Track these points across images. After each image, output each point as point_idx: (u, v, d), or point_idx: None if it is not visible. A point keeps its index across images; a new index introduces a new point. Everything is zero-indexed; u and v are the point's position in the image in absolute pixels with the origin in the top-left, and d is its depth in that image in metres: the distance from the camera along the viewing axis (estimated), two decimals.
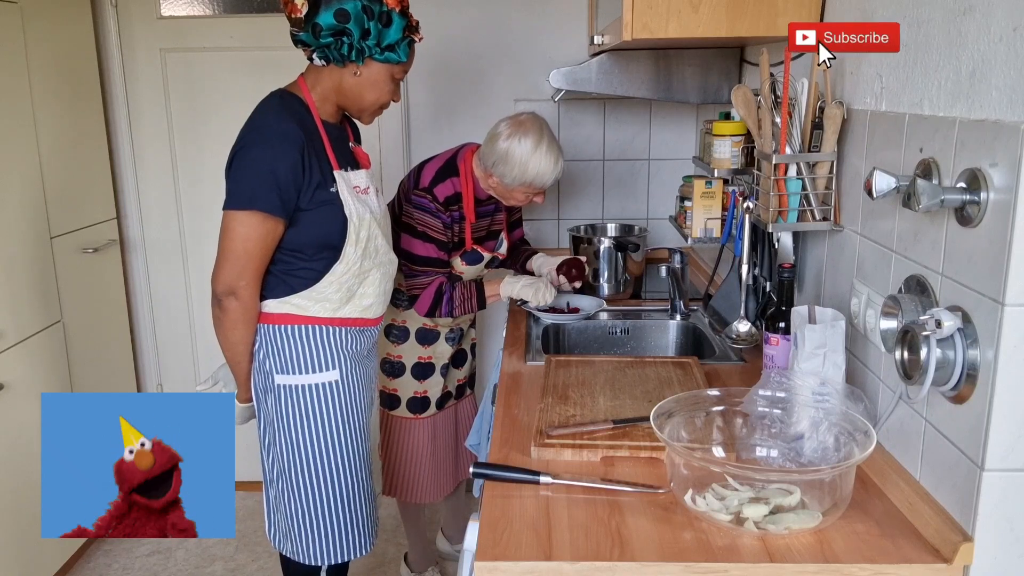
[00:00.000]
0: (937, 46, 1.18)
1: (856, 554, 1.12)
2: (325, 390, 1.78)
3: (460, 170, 2.18)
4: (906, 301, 1.18)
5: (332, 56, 1.67)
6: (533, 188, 2.12)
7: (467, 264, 2.25)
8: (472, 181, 2.19)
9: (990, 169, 1.01)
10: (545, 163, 2.08)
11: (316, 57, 1.69)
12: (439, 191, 2.14)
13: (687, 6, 1.67)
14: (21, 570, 2.48)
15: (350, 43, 1.65)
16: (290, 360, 1.76)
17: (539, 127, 2.10)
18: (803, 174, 1.54)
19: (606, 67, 2.31)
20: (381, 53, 1.69)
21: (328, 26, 1.62)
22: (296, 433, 1.78)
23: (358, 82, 1.72)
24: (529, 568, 1.12)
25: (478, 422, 2.28)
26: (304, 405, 1.77)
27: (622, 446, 1.44)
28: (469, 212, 2.20)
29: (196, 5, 2.98)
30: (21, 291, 2.50)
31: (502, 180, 2.12)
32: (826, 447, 1.26)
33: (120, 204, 3.10)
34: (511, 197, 2.17)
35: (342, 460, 1.82)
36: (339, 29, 1.63)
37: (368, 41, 1.66)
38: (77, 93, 2.84)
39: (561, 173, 2.14)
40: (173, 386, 3.30)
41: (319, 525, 1.82)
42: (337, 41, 1.64)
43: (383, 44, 1.68)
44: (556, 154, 2.10)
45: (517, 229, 2.52)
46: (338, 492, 1.82)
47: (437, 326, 2.31)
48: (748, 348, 1.90)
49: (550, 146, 2.09)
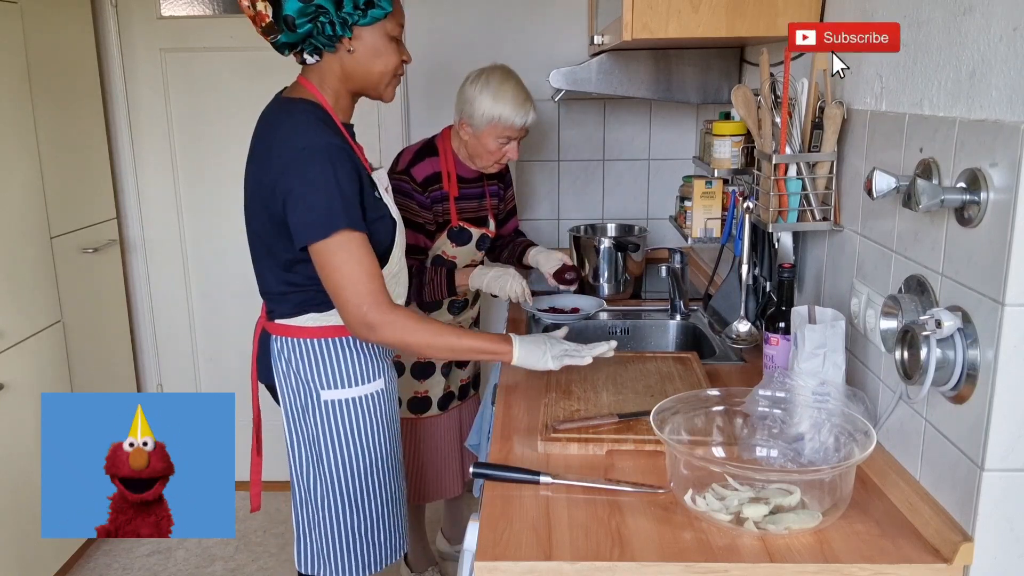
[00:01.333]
0: (937, 46, 1.18)
1: (856, 554, 1.12)
2: (372, 401, 1.69)
3: (439, 149, 2.21)
4: (906, 301, 1.18)
5: (320, 43, 1.53)
6: (501, 128, 2.10)
7: (456, 245, 2.24)
8: (452, 158, 2.21)
9: (990, 169, 1.01)
10: (511, 98, 2.08)
11: (307, 54, 1.56)
12: (416, 172, 2.15)
13: (687, 6, 1.67)
14: (21, 570, 2.48)
15: (329, 19, 1.50)
16: (337, 374, 1.66)
17: (505, 70, 2.14)
18: (803, 174, 1.54)
19: (606, 67, 2.31)
20: (365, 15, 1.53)
21: (298, 11, 1.48)
22: (347, 448, 1.67)
23: (357, 58, 1.57)
24: (529, 568, 1.12)
25: (478, 422, 2.28)
26: (353, 418, 1.67)
27: (627, 439, 1.45)
28: (452, 187, 2.20)
29: (196, 5, 2.98)
30: (21, 291, 2.49)
31: (471, 125, 2.12)
32: (826, 447, 1.26)
33: (120, 204, 3.10)
34: (484, 150, 2.15)
35: (389, 468, 1.74)
36: (311, 10, 1.48)
37: (345, 8, 1.51)
38: (77, 93, 2.84)
39: (532, 119, 2.13)
40: (173, 386, 3.30)
41: (367, 536, 1.73)
42: (316, 24, 1.50)
43: (361, 4, 1.52)
44: (524, 94, 2.11)
45: (511, 220, 2.50)
46: (385, 500, 1.74)
47: None
48: (748, 348, 1.90)
49: (517, 85, 2.11)
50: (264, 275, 1.67)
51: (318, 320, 1.64)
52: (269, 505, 1.94)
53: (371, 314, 1.49)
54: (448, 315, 2.30)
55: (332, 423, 1.67)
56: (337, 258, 1.48)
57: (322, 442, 1.67)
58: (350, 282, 1.49)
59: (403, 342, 1.55)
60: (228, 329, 3.20)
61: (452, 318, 2.32)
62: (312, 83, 1.61)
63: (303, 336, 1.65)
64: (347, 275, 1.49)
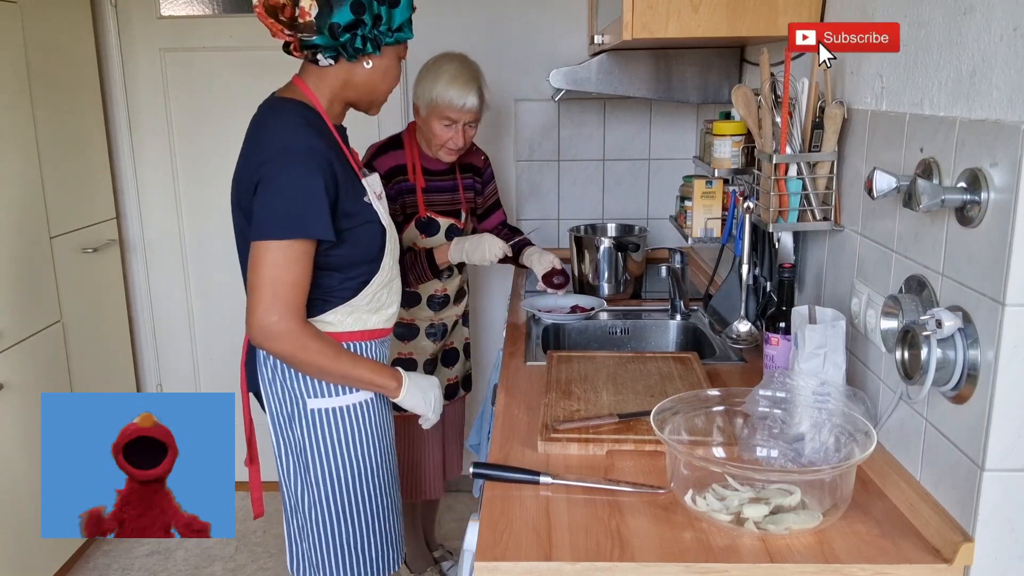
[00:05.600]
0: (937, 46, 1.18)
1: (856, 554, 1.12)
2: (360, 410, 1.64)
3: (404, 142, 2.23)
4: (906, 301, 1.18)
5: (347, 53, 1.51)
6: (441, 110, 2.11)
7: (426, 236, 2.25)
8: (417, 150, 2.23)
9: (990, 169, 1.01)
10: (450, 79, 2.10)
11: (324, 57, 1.53)
12: (379, 164, 2.17)
13: (687, 6, 1.66)
14: (21, 570, 2.48)
15: (363, 35, 1.50)
16: (321, 383, 1.59)
17: (452, 54, 2.17)
18: (803, 174, 1.54)
19: (606, 67, 2.31)
20: (391, 36, 1.54)
21: (346, 23, 1.47)
22: (335, 459, 1.63)
23: (370, 74, 1.57)
24: (529, 568, 1.11)
25: (478, 422, 2.28)
26: (341, 428, 1.62)
27: (627, 440, 1.45)
28: (418, 179, 2.22)
29: (196, 5, 2.98)
30: (21, 291, 2.49)
31: (421, 107, 2.15)
32: (827, 447, 1.26)
33: (120, 204, 3.11)
34: (432, 135, 2.17)
35: (381, 480, 1.69)
36: (354, 22, 1.48)
37: (380, 28, 1.51)
38: (77, 93, 2.84)
39: (473, 103, 2.13)
40: (173, 386, 3.30)
41: (359, 549, 1.69)
42: (352, 36, 1.49)
43: (393, 27, 1.53)
44: (466, 76, 2.12)
45: (494, 214, 2.48)
46: (377, 513, 1.70)
47: (415, 320, 2.31)
48: (748, 348, 1.90)
49: (460, 67, 2.13)
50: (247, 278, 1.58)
51: None
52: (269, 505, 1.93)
53: (279, 322, 1.46)
54: (428, 311, 2.29)
55: (319, 432, 1.61)
56: (269, 258, 1.44)
57: (310, 452, 1.62)
58: (271, 284, 1.45)
59: (295, 357, 1.51)
60: (228, 329, 3.19)
61: (433, 314, 2.31)
62: (308, 85, 1.58)
63: None
64: (272, 278, 1.45)
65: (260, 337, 1.47)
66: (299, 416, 1.61)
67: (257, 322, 1.46)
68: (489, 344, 3.12)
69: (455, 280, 2.37)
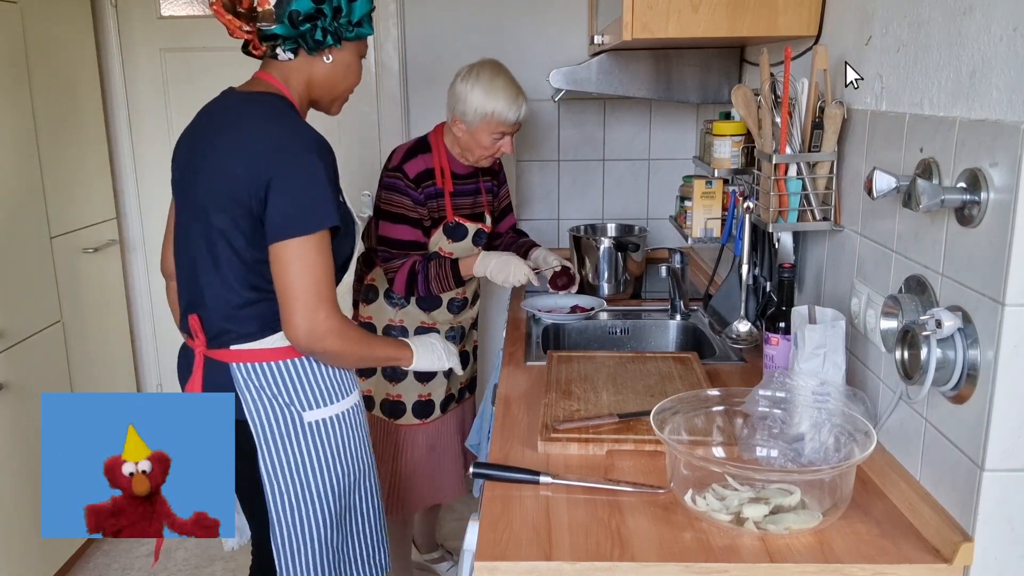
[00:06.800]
0: (937, 46, 1.18)
1: (856, 554, 1.12)
2: (351, 415, 1.59)
3: (432, 145, 2.21)
4: (906, 301, 1.18)
5: (307, 45, 1.47)
6: (495, 124, 2.10)
7: (453, 241, 2.23)
8: (445, 154, 2.21)
9: (990, 169, 1.01)
10: (503, 93, 2.08)
11: (283, 50, 1.48)
12: (409, 168, 2.15)
13: (687, 6, 1.67)
14: (21, 570, 2.48)
15: (323, 26, 1.46)
16: (318, 392, 1.54)
17: (495, 64, 2.14)
18: (803, 174, 1.54)
19: (606, 67, 2.31)
20: (352, 31, 1.50)
21: (306, 11, 1.43)
22: (335, 469, 1.56)
23: (331, 69, 1.53)
24: (529, 568, 1.12)
25: (478, 422, 2.27)
26: (337, 437, 1.56)
27: (627, 439, 1.45)
28: (447, 183, 2.20)
29: (196, 5, 2.98)
30: (21, 291, 2.49)
31: (464, 122, 2.11)
32: (826, 447, 1.26)
33: (120, 204, 3.11)
34: (478, 146, 2.14)
35: (370, 483, 1.66)
36: (314, 12, 1.44)
37: (340, 20, 1.47)
38: (77, 93, 2.84)
39: (524, 113, 2.13)
40: (173, 386, 3.28)
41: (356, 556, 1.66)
42: (312, 27, 1.45)
43: (354, 20, 1.49)
44: (515, 88, 2.11)
45: (507, 217, 2.48)
46: (370, 517, 1.67)
47: (436, 324, 2.31)
48: (748, 348, 1.90)
49: (508, 80, 2.11)
50: (213, 288, 1.49)
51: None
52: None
53: (326, 319, 1.41)
54: (448, 314, 2.29)
55: (318, 445, 1.54)
56: (304, 256, 1.39)
57: (308, 467, 1.53)
58: (313, 283, 1.39)
59: (343, 352, 1.47)
60: None
61: (452, 317, 2.31)
62: (276, 79, 1.53)
63: (275, 358, 1.50)
64: (313, 276, 1.39)
65: (309, 339, 1.41)
66: (294, 431, 1.52)
67: (305, 325, 1.40)
68: (489, 344, 3.12)
69: (472, 282, 2.37)
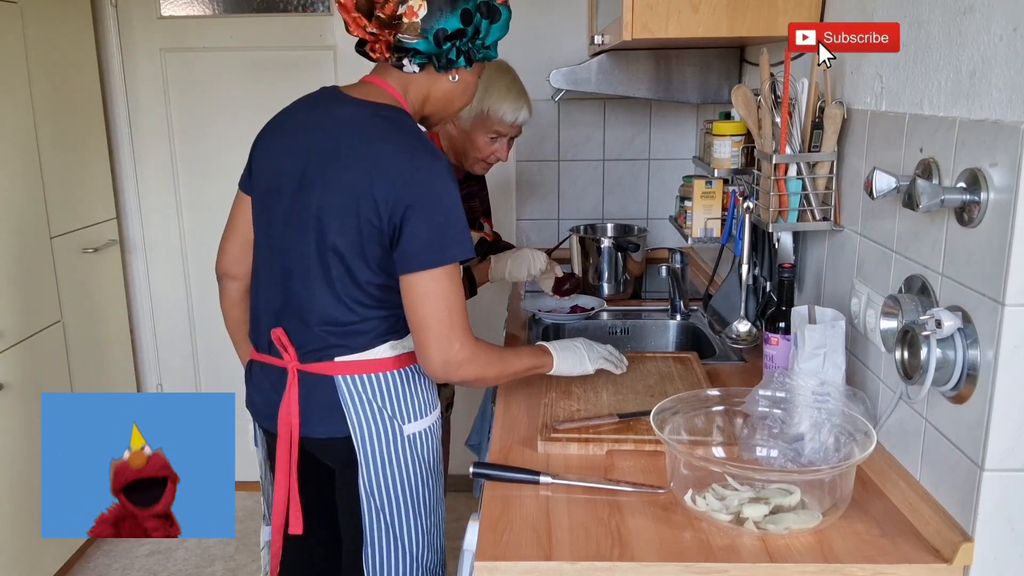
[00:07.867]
0: (937, 46, 1.18)
1: (856, 554, 1.12)
2: (436, 426, 1.55)
3: None
4: (906, 301, 1.18)
5: (439, 63, 1.40)
6: (491, 122, 1.97)
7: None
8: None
9: (990, 169, 1.01)
10: (504, 92, 1.96)
11: (411, 63, 1.40)
12: None
13: (687, 6, 1.66)
14: (21, 570, 2.48)
15: (459, 46, 1.39)
16: (417, 404, 1.49)
17: (501, 63, 2.01)
18: (803, 174, 1.54)
19: (606, 67, 2.31)
20: (482, 52, 1.44)
21: (452, 31, 1.36)
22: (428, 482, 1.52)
23: (452, 88, 1.45)
24: (529, 568, 1.12)
25: (478, 422, 2.27)
26: (428, 449, 1.52)
27: (627, 439, 1.45)
28: None
29: (196, 5, 2.98)
30: (21, 291, 2.49)
31: (464, 118, 1.98)
32: (826, 447, 1.26)
33: (120, 204, 3.11)
34: (472, 146, 2.02)
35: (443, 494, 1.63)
36: (458, 32, 1.37)
37: (477, 42, 1.42)
38: (77, 93, 2.84)
39: (524, 118, 2.02)
40: (173, 386, 3.30)
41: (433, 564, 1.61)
42: (451, 46, 1.38)
43: (487, 43, 1.44)
44: (519, 90, 1.99)
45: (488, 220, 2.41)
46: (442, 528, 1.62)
47: None
48: (748, 348, 1.90)
49: (512, 80, 2.00)
50: (321, 303, 1.41)
51: (396, 348, 1.46)
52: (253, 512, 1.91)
53: (461, 349, 1.37)
54: None
55: (416, 458, 1.49)
56: (444, 287, 1.34)
57: (407, 482, 1.49)
58: (447, 314, 1.35)
59: (482, 377, 1.45)
60: None
61: None
62: (395, 89, 1.44)
63: (383, 369, 1.44)
64: (448, 306, 1.35)
65: (446, 371, 1.38)
66: (395, 446, 1.47)
67: (439, 357, 1.36)
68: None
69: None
